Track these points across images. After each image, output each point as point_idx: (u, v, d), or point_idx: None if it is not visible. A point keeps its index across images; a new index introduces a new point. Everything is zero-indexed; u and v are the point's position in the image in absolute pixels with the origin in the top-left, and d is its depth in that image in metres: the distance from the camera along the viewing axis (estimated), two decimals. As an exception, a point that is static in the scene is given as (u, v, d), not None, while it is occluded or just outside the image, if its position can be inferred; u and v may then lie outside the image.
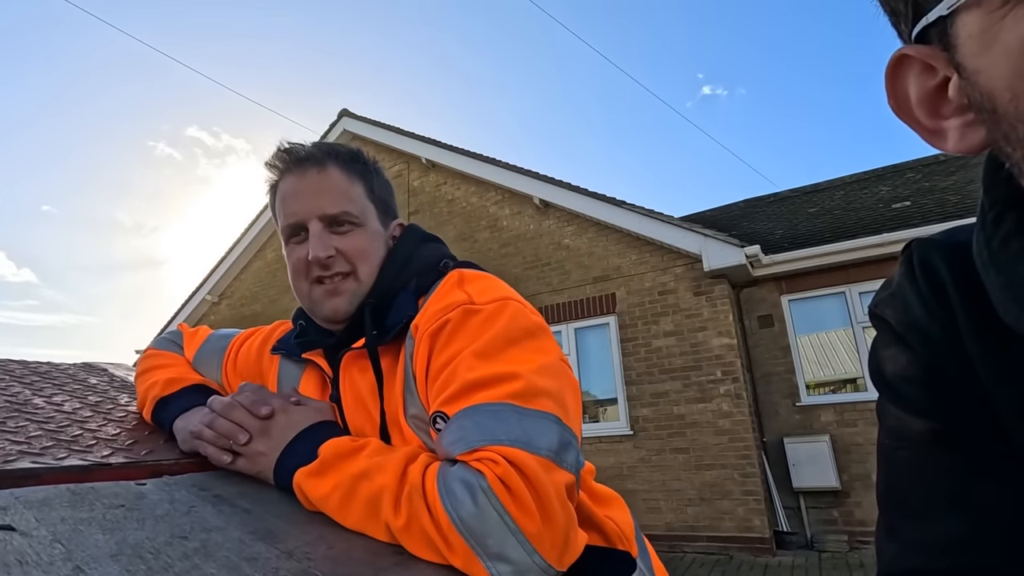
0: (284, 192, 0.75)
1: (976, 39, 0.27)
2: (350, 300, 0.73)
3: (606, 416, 6.07)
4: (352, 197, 0.75)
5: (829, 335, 5.73)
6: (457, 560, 0.50)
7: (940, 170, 7.22)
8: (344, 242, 0.73)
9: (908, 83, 0.33)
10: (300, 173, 0.75)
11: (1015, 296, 0.32)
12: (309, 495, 0.58)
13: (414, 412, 0.65)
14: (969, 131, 0.31)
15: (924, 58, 0.31)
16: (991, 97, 0.27)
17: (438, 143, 7.79)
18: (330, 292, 0.73)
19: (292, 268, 0.75)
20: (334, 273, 0.72)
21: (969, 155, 0.32)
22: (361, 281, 0.73)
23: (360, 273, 0.73)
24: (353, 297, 0.73)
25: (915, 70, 0.32)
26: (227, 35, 53.32)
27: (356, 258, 0.73)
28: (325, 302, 0.73)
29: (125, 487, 0.58)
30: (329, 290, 0.73)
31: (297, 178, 0.75)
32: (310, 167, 0.74)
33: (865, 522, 5.05)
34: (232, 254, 9.59)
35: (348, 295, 0.73)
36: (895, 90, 0.33)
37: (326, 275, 0.72)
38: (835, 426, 5.33)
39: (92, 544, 0.45)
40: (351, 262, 0.73)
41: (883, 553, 0.39)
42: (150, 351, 0.92)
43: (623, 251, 6.16)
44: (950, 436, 0.37)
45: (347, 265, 0.73)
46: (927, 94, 0.32)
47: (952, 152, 0.32)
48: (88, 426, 0.74)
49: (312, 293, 0.74)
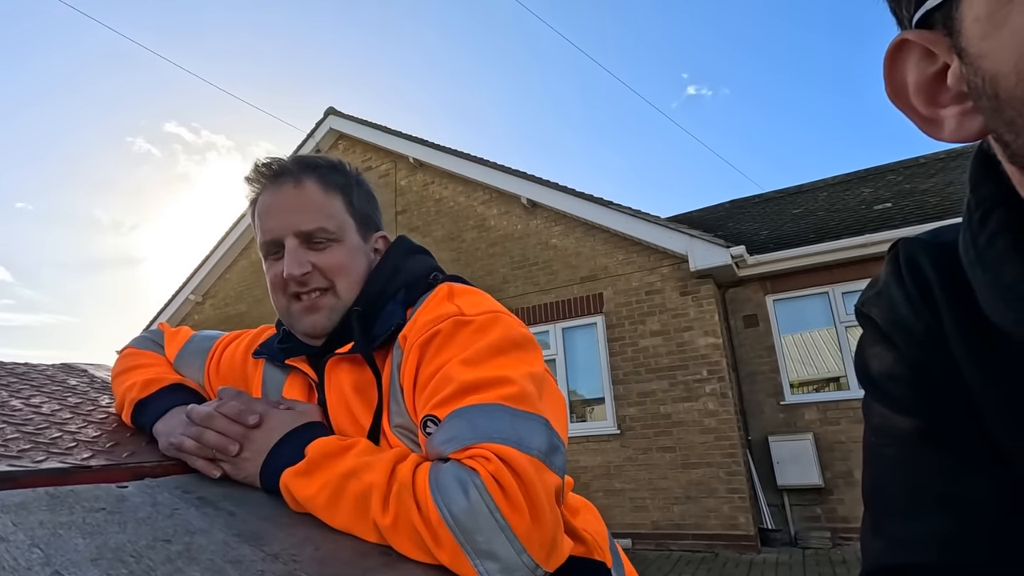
0: (261, 208, 0.75)
1: (982, 22, 0.27)
2: (328, 316, 0.73)
3: (593, 416, 6.10)
4: (329, 212, 0.74)
5: (813, 334, 5.81)
6: (444, 556, 0.50)
7: (920, 172, 7.35)
8: (321, 258, 0.72)
9: (907, 69, 0.32)
10: (276, 188, 0.74)
11: (1001, 294, 0.32)
12: (296, 495, 0.58)
13: (399, 422, 0.65)
14: (966, 120, 0.30)
15: (925, 43, 0.31)
16: (995, 82, 0.27)
17: (426, 142, 7.76)
18: (308, 308, 0.72)
19: (270, 284, 0.75)
20: (311, 289, 0.72)
21: (965, 143, 0.31)
22: (339, 297, 0.73)
23: (338, 288, 0.73)
24: (332, 313, 0.73)
25: (915, 56, 0.32)
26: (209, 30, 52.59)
27: (333, 273, 0.73)
28: (303, 318, 0.73)
29: (106, 490, 0.57)
30: (307, 306, 0.72)
31: (273, 194, 0.74)
32: (286, 182, 0.74)
33: (848, 519, 5.12)
34: (216, 253, 9.47)
35: (327, 311, 0.72)
36: (893, 76, 0.32)
37: (303, 291, 0.72)
38: (818, 424, 5.41)
39: (72, 548, 0.44)
40: (328, 278, 0.73)
41: (868, 549, 0.39)
42: (128, 350, 0.90)
43: (610, 251, 6.18)
44: (935, 434, 0.37)
45: (325, 281, 0.73)
46: (925, 81, 0.31)
47: (948, 140, 0.31)
48: (67, 428, 0.72)
49: (290, 308, 0.73)
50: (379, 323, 0.71)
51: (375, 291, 0.74)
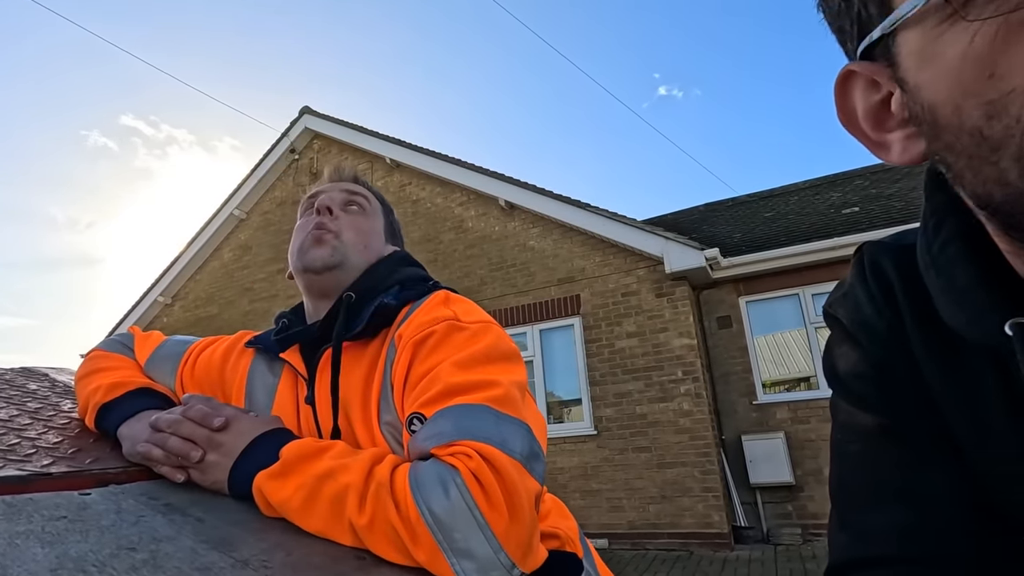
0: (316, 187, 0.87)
1: (916, 55, 0.29)
2: (332, 251, 0.77)
3: (570, 416, 6.12)
4: (370, 200, 0.88)
5: (784, 335, 5.94)
6: (422, 555, 0.50)
7: (886, 177, 7.58)
8: (347, 216, 0.82)
9: (855, 97, 0.34)
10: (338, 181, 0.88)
11: (955, 298, 0.33)
12: (270, 498, 0.57)
13: (388, 419, 0.66)
14: (911, 143, 0.32)
15: (869, 74, 0.32)
16: (932, 110, 0.29)
17: (403, 143, 7.70)
18: (316, 239, 0.78)
19: (298, 226, 0.83)
20: (326, 228, 0.79)
21: (911, 165, 0.33)
22: (344, 243, 0.79)
23: (344, 237, 0.79)
24: (335, 251, 0.78)
25: (861, 85, 0.33)
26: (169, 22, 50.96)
27: (348, 227, 0.81)
28: (311, 249, 0.78)
29: (67, 497, 0.55)
30: (316, 236, 0.78)
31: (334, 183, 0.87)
32: (348, 182, 0.88)
33: (817, 515, 5.25)
34: (187, 254, 9.23)
35: (329, 247, 0.78)
36: (843, 104, 0.34)
37: (319, 223, 0.79)
38: (789, 423, 5.53)
39: (30, 559, 0.42)
40: (343, 228, 0.80)
41: (835, 542, 0.40)
42: (95, 352, 0.87)
43: (587, 253, 6.23)
44: (897, 430, 0.39)
45: (339, 228, 0.80)
46: (872, 108, 0.33)
47: (896, 163, 0.33)
48: (27, 434, 0.70)
49: (303, 243, 0.79)
50: (367, 306, 0.72)
51: (369, 284, 0.77)
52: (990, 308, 0.31)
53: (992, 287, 0.32)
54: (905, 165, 0.32)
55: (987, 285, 0.32)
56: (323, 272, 0.77)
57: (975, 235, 0.33)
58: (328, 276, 0.77)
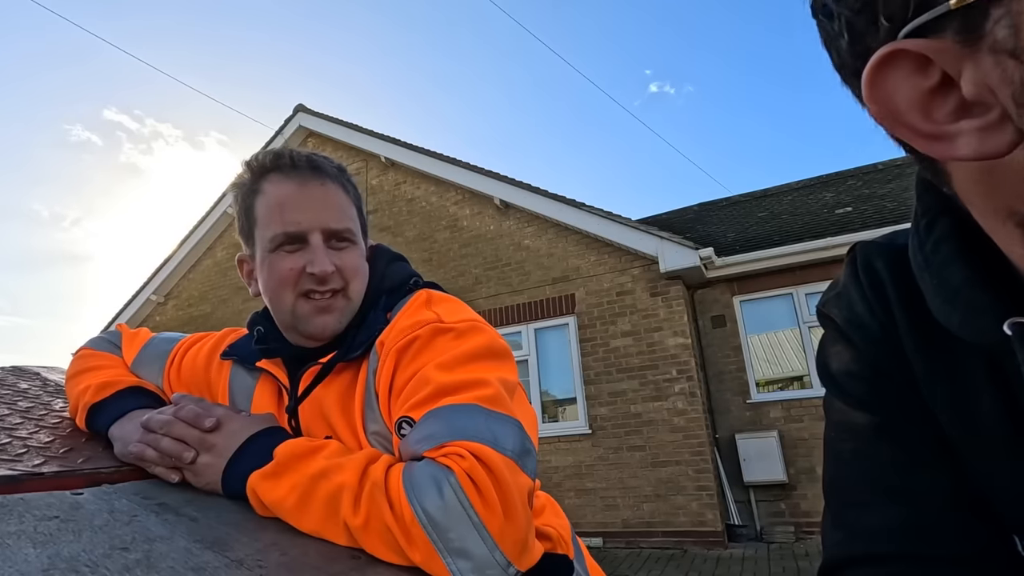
0: (280, 198, 0.70)
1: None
2: (339, 319, 0.71)
3: (565, 416, 6.13)
4: (351, 215, 0.74)
5: (778, 335, 5.96)
6: (417, 555, 0.50)
7: (879, 178, 7.63)
8: (342, 258, 0.71)
9: (896, 84, 0.28)
10: (300, 181, 0.71)
11: (947, 298, 0.33)
12: (263, 498, 0.56)
13: (375, 428, 0.65)
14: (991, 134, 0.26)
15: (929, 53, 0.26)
16: None
17: (398, 141, 7.68)
18: (321, 309, 0.70)
19: (278, 277, 0.70)
20: (328, 289, 0.70)
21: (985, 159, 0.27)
22: (350, 299, 0.72)
23: (351, 291, 0.72)
24: (343, 316, 0.71)
25: (907, 68, 0.28)
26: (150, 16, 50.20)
27: (350, 275, 0.71)
28: (314, 319, 0.70)
29: (59, 497, 0.54)
30: (321, 307, 0.70)
31: (297, 186, 0.71)
32: (311, 178, 0.72)
33: (810, 513, 5.27)
34: (180, 252, 9.18)
35: (339, 313, 0.70)
36: (879, 94, 0.28)
37: (320, 290, 0.69)
38: (783, 422, 5.55)
39: (21, 559, 0.42)
40: (345, 279, 0.71)
41: (828, 540, 0.40)
42: (83, 351, 0.86)
43: (582, 252, 6.23)
44: (889, 428, 0.39)
45: (341, 282, 0.71)
46: (924, 94, 0.28)
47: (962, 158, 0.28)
48: (18, 433, 0.69)
49: (297, 308, 0.70)
50: (362, 331, 0.70)
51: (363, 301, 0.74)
52: (985, 308, 0.31)
53: (987, 287, 0.31)
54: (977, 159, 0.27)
55: (982, 285, 0.32)
56: (331, 337, 0.71)
57: (968, 235, 0.33)
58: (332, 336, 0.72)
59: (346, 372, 0.70)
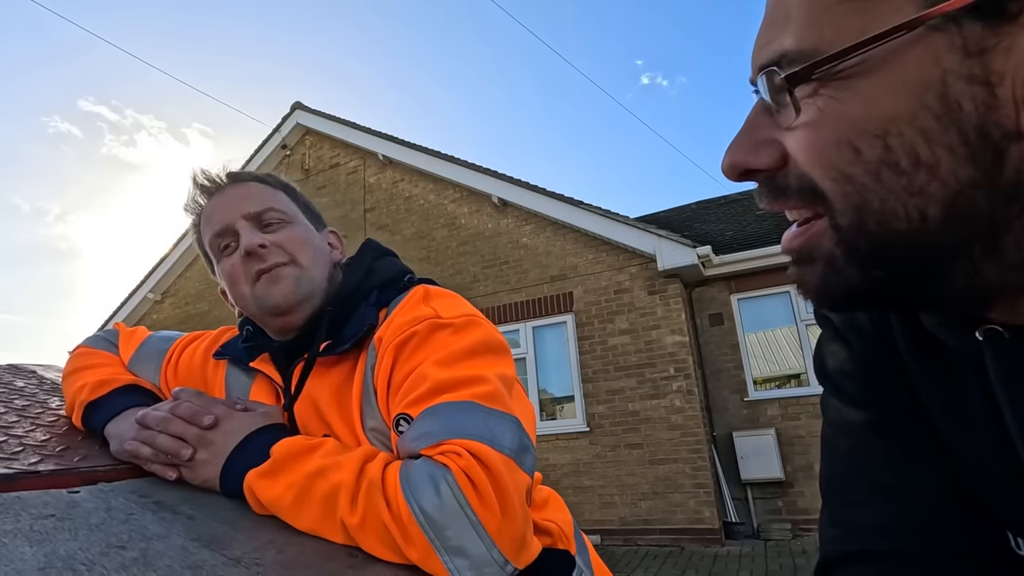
0: (209, 211, 0.76)
1: None
2: (295, 284, 0.70)
3: (563, 414, 6.14)
4: (276, 199, 0.76)
5: (775, 333, 5.98)
6: (414, 554, 0.50)
7: (876, 176, 7.64)
8: (276, 236, 0.72)
9: None
10: (220, 192, 0.76)
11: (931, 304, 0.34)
12: (260, 497, 0.56)
13: (373, 425, 0.65)
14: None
15: None
16: None
17: (395, 139, 7.67)
18: (271, 280, 0.69)
19: (229, 279, 0.72)
20: (272, 264, 0.70)
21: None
22: (302, 267, 0.71)
23: (300, 260, 0.71)
24: (298, 283, 0.70)
25: None
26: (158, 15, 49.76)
27: (292, 247, 0.72)
28: (267, 292, 0.69)
29: (56, 496, 0.54)
30: (270, 279, 0.69)
31: (219, 196, 0.76)
32: (228, 185, 0.77)
33: (807, 511, 5.30)
34: (177, 250, 9.15)
35: (290, 280, 0.70)
36: None
37: (262, 267, 0.70)
38: (780, 420, 5.57)
39: (17, 558, 0.42)
40: (288, 251, 0.71)
41: (825, 537, 0.41)
42: (80, 349, 0.86)
43: (580, 250, 6.23)
44: (884, 426, 0.39)
45: (284, 255, 0.71)
46: None
47: None
48: (13, 432, 0.69)
49: (254, 291, 0.70)
50: (351, 324, 0.69)
51: (347, 291, 0.73)
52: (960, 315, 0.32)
53: None
54: None
55: None
56: (295, 308, 0.70)
57: None
58: (299, 310, 0.71)
59: (340, 367, 0.69)
